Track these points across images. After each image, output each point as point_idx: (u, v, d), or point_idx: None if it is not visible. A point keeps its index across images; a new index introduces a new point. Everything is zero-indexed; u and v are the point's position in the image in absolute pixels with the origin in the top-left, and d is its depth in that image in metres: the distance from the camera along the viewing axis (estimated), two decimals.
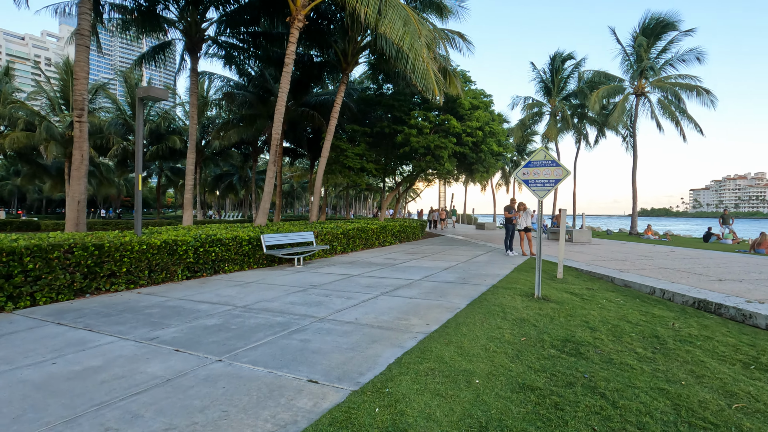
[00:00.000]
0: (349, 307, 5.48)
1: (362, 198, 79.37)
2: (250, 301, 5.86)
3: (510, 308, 5.40)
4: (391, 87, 20.62)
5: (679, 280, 7.58)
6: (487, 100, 17.92)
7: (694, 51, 21.61)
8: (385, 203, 20.98)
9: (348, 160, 17.06)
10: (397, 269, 9.09)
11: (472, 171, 18.17)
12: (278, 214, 21.77)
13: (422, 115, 16.38)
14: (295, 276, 8.25)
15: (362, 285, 7.12)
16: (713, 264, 9.75)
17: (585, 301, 6.13)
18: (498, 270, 8.89)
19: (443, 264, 9.93)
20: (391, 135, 17.70)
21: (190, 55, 14.94)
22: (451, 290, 6.60)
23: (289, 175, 49.17)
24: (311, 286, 7.04)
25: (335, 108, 15.41)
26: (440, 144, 15.72)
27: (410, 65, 11.35)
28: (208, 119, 32.72)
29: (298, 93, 19.82)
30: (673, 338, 4.46)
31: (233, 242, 8.84)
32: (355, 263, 10.21)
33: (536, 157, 6.23)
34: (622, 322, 5.05)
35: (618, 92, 23.93)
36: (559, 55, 26.11)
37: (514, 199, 12.01)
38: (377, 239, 14.81)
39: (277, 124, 12.15)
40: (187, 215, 14.51)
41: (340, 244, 12.45)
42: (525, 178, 6.28)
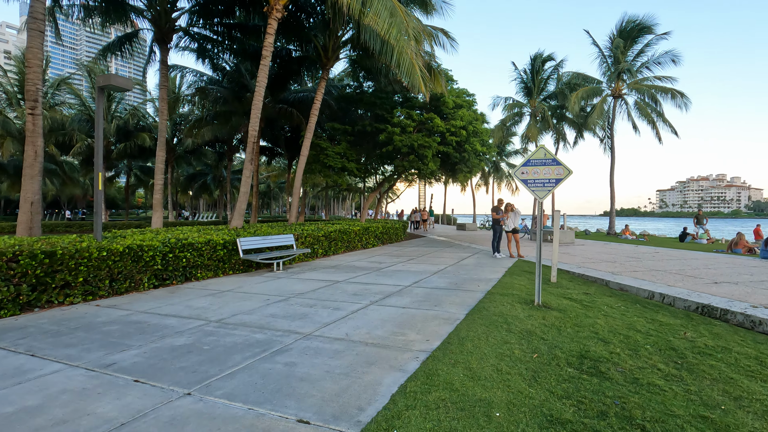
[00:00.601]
0: (338, 319, 4.94)
1: (341, 198, 78.50)
2: (225, 314, 5.25)
3: (512, 318, 4.99)
4: (371, 85, 20.13)
5: (675, 283, 7.39)
6: (470, 99, 17.66)
7: (669, 53, 22.05)
8: (366, 204, 20.46)
9: (328, 159, 16.45)
10: (384, 274, 8.60)
11: (456, 171, 17.88)
12: (255, 216, 20.92)
13: (405, 114, 15.95)
14: (275, 283, 7.63)
15: (349, 293, 6.59)
16: (701, 265, 9.69)
17: (587, 308, 5.80)
18: (489, 274, 8.52)
19: (431, 268, 9.50)
20: (373, 134, 17.20)
21: (160, 46, 14.02)
22: (446, 297, 6.16)
23: (266, 175, 47.94)
24: (293, 295, 6.46)
25: (315, 105, 14.79)
26: (424, 143, 15.32)
27: (395, 60, 10.88)
28: (180, 116, 31.38)
29: (276, 89, 19.06)
30: (690, 350, 4.14)
31: (206, 247, 8.15)
32: (339, 268, 9.66)
33: (536, 155, 5.86)
34: (631, 331, 4.71)
35: (596, 94, 24.19)
36: (539, 56, 26.21)
37: (502, 200, 11.73)
38: (360, 241, 14.28)
39: (254, 120, 11.46)
40: (156, 217, 13.58)
41: (321, 247, 11.86)
42: (524, 177, 5.90)
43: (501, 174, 37.84)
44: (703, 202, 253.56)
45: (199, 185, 41.20)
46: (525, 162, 5.91)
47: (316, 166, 16.98)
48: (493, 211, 11.64)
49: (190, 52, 17.32)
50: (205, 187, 41.04)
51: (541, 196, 5.78)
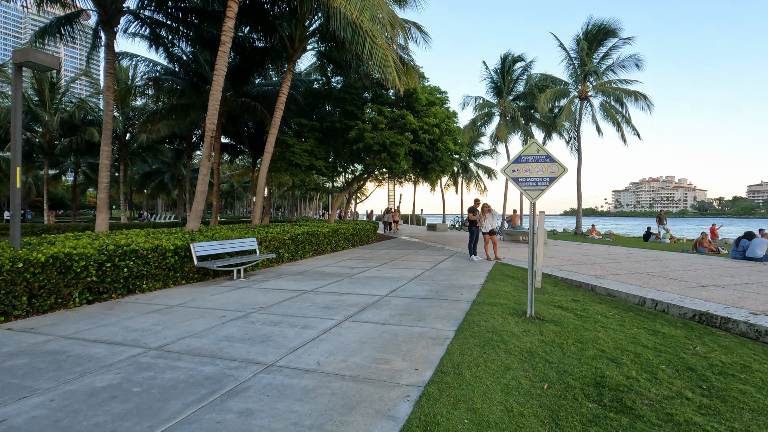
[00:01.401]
0: (307, 342, 4.17)
1: (308, 198, 76.80)
2: (169, 338, 4.35)
3: (507, 335, 4.39)
4: (341, 80, 19.32)
5: (662, 287, 7.10)
6: (442, 96, 17.21)
7: (633, 57, 22.57)
8: (335, 204, 19.61)
9: (295, 157, 15.50)
10: (357, 281, 7.86)
11: (428, 170, 17.38)
12: (215, 217, 19.59)
13: (377, 110, 15.26)
14: (234, 294, 6.73)
15: (319, 306, 5.81)
16: (679, 267, 9.58)
17: (582, 318, 5.31)
18: (470, 279, 7.96)
19: (407, 273, 8.85)
20: (343, 131, 16.41)
21: (105, 29, 12.62)
22: (428, 309, 5.50)
23: (229, 173, 45.92)
24: (255, 309, 5.60)
25: (280, 98, 13.82)
26: (396, 141, 14.69)
27: (367, 50, 10.17)
28: (134, 109, 29.26)
29: (238, 82, 17.87)
30: (709, 370, 3.67)
31: (154, 254, 7.11)
32: (307, 274, 8.83)
33: (528, 151, 5.31)
34: (638, 347, 4.23)
35: (564, 95, 24.46)
36: (509, 56, 26.27)
37: (478, 200, 11.26)
38: (329, 244, 13.45)
39: (212, 112, 10.40)
40: (101, 219, 12.20)
41: (287, 251, 10.96)
42: (515, 175, 5.33)
43: (470, 174, 37.90)
44: (654, 202, 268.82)
45: (156, 184, 38.77)
46: (516, 158, 5.35)
47: (282, 164, 15.98)
48: (470, 211, 11.15)
49: (142, 39, 15.93)
50: (162, 186, 38.65)
51: (534, 197, 5.24)
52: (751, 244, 10.21)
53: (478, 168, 38.60)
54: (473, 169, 38.29)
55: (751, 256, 10.12)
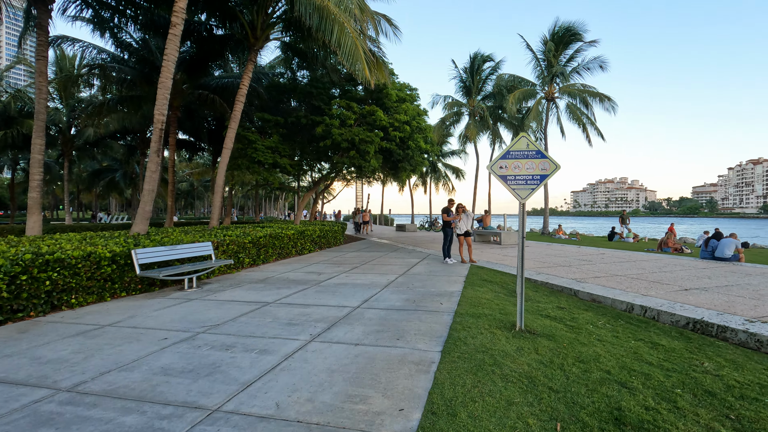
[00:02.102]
0: (265, 373, 3.43)
1: (273, 198, 74.69)
2: (90, 372, 3.48)
3: (500, 354, 3.83)
4: (307, 75, 18.44)
5: (645, 290, 6.82)
6: (412, 93, 16.69)
7: (597, 59, 23.00)
8: (301, 204, 18.68)
9: (257, 154, 14.50)
10: (325, 290, 7.12)
11: (398, 169, 16.82)
12: (170, 218, 18.17)
13: (345, 105, 14.52)
14: (183, 308, 5.83)
15: (282, 321, 5.04)
16: (654, 268, 9.46)
17: (574, 330, 4.84)
18: (447, 285, 7.41)
19: (380, 279, 8.20)
20: (309, 126, 15.55)
21: (37, 7, 11.18)
22: (407, 324, 4.87)
23: (188, 172, 43.61)
24: (204, 328, 4.77)
25: (241, 90, 12.82)
26: (366, 138, 14.01)
27: (335, 38, 9.44)
28: (80, 101, 26.96)
29: (195, 72, 16.63)
30: (728, 393, 3.24)
31: (85, 262, 6.09)
32: (270, 282, 7.99)
33: (517, 145, 4.78)
34: (644, 365, 3.78)
35: (531, 96, 24.63)
36: (479, 55, 26.19)
37: (452, 200, 10.77)
38: (294, 247, 12.59)
39: (161, 102, 9.33)
40: (32, 221, 10.77)
41: (248, 255, 10.04)
42: (502, 173, 4.79)
43: (439, 174, 37.77)
44: (610, 202, 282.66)
45: (107, 183, 36.10)
46: (503, 154, 4.81)
47: (243, 161, 14.93)
48: (444, 212, 10.65)
49: (83, 22, 14.42)
50: (113, 185, 36.03)
51: (524, 197, 4.72)
52: (719, 245, 10.30)
53: (447, 168, 38.55)
54: (442, 169, 38.20)
55: (720, 256, 10.20)
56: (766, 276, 8.13)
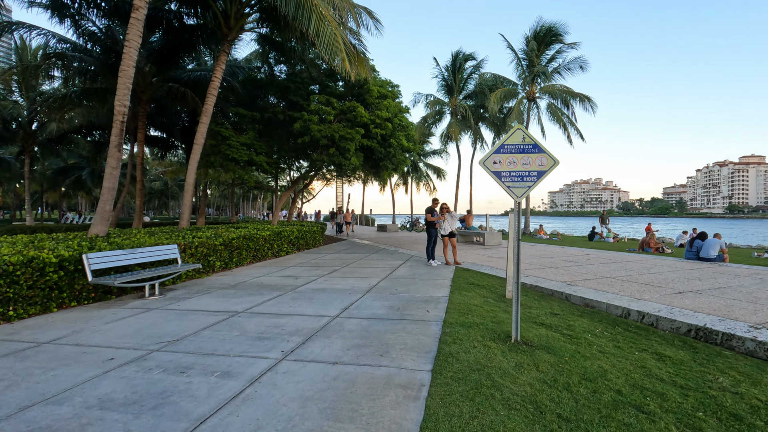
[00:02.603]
0: (225, 403, 2.87)
1: (251, 197, 73.10)
2: (6, 409, 2.85)
3: (498, 373, 3.38)
4: (285, 70, 17.76)
5: (639, 294, 6.53)
6: (394, 89, 16.24)
7: (578, 60, 23.09)
8: (278, 204, 17.97)
9: (231, 151, 13.76)
10: (301, 296, 6.56)
11: (380, 168, 16.33)
12: (139, 218, 17.18)
13: (324, 101, 13.93)
14: (140, 320, 5.18)
15: (250, 335, 4.48)
16: (642, 269, 9.27)
17: (572, 340, 4.45)
18: (433, 290, 6.97)
19: (361, 283, 7.69)
20: (286, 123, 14.90)
21: None
22: (392, 336, 4.38)
23: (161, 170, 41.99)
24: (160, 345, 4.16)
25: (213, 83, 12.10)
26: (346, 135, 13.47)
27: (314, 27, 8.88)
28: (41, 94, 25.41)
29: (165, 64, 15.72)
30: (755, 416, 2.88)
31: (26, 269, 5.36)
32: (241, 287, 7.37)
33: (512, 138, 4.36)
34: (655, 382, 3.40)
35: (513, 96, 24.56)
36: (461, 53, 25.97)
37: (437, 200, 10.35)
38: (270, 249, 11.93)
39: (123, 91, 8.57)
40: None
41: (219, 258, 9.36)
42: (496, 169, 4.36)
43: (420, 174, 37.51)
44: (585, 203, 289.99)
45: (73, 181, 34.30)
46: (498, 148, 4.37)
47: (217, 158, 14.16)
48: (428, 212, 10.22)
49: (41, 8, 13.39)
50: (80, 183, 34.25)
51: (519, 195, 4.29)
52: (704, 245, 10.22)
53: (428, 168, 38.34)
54: (423, 168, 37.96)
55: (705, 257, 10.12)
56: (755, 277, 8.01)
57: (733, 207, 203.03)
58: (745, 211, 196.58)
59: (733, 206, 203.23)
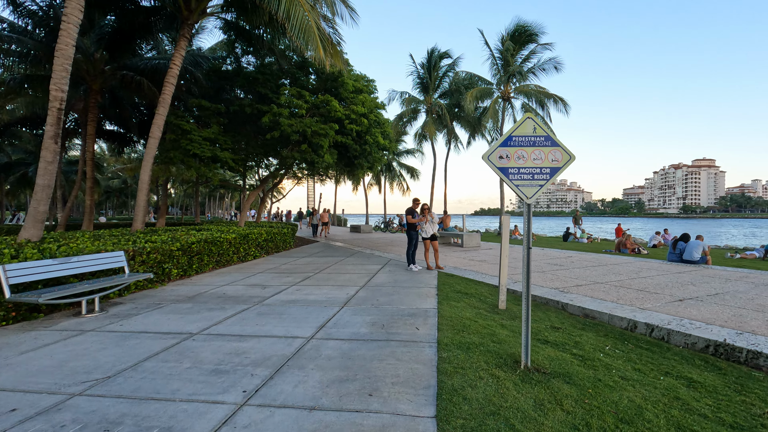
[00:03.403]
0: None
1: (217, 197, 70.42)
2: None
3: (517, 417, 2.72)
4: (253, 61, 16.67)
5: (638, 302, 6.08)
6: (369, 84, 15.49)
7: (552, 61, 23.09)
8: (246, 204, 16.83)
9: (193, 146, 12.61)
10: (270, 310, 5.71)
11: (354, 166, 15.52)
12: (89, 220, 15.63)
13: (295, 93, 12.99)
14: (67, 347, 4.21)
15: (205, 368, 3.63)
16: (630, 272, 8.94)
17: (586, 363, 3.87)
18: (419, 300, 6.28)
19: (338, 293, 6.90)
20: (254, 117, 13.86)
21: None
22: (379, 365, 3.64)
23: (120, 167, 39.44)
24: (85, 386, 3.25)
25: (172, 70, 10.98)
26: (319, 130, 12.60)
27: (284, 9, 8.00)
28: None
29: (119, 50, 14.34)
30: None
31: None
32: (200, 300, 6.44)
33: (521, 129, 3.72)
34: (698, 419, 2.84)
35: (488, 95, 24.33)
36: (436, 51, 25.51)
37: (418, 200, 9.68)
38: (236, 253, 10.93)
39: (60, 74, 7.41)
40: None
41: (176, 265, 8.33)
42: (503, 164, 3.70)
43: (394, 173, 36.92)
44: (551, 203, 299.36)
45: (18, 178, 31.54)
46: (505, 139, 3.72)
47: (176, 154, 12.95)
48: (408, 213, 9.54)
49: None
50: (26, 181, 31.52)
51: (530, 195, 3.66)
52: (687, 247, 10.06)
53: (401, 167, 37.80)
54: (396, 168, 37.39)
55: (688, 259, 9.96)
56: (746, 281, 7.79)
57: (686, 207, 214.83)
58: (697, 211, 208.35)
59: (687, 206, 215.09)
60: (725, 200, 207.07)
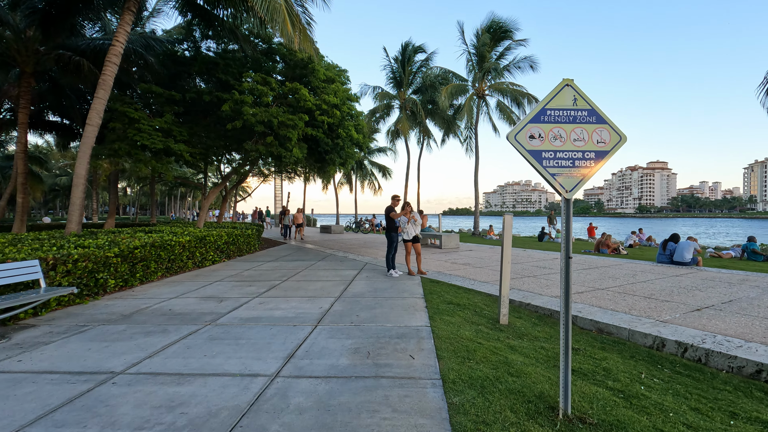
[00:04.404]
0: None
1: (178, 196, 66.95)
2: None
3: None
4: (213, 47, 15.21)
5: (650, 311, 5.39)
6: (342, 73, 14.42)
7: (528, 59, 22.77)
8: (206, 203, 15.34)
9: (142, 137, 11.12)
10: (225, 333, 4.59)
11: (326, 162, 14.39)
12: (21, 220, 13.71)
13: (260, 79, 11.72)
14: None
15: None
16: (626, 276, 8.36)
17: (630, 402, 3.04)
18: (406, 315, 5.32)
19: (309, 307, 5.84)
20: (214, 106, 12.49)
21: None
22: (368, 421, 2.65)
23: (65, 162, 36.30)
24: None
25: (114, 48, 9.54)
26: (287, 121, 11.41)
27: None
28: None
29: (54, 28, 12.57)
30: None
31: None
32: (137, 320, 5.20)
33: (557, 101, 2.82)
34: None
35: (463, 92, 23.77)
36: (410, 45, 24.68)
37: (398, 197, 8.72)
38: (191, 258, 9.61)
39: None
40: None
41: (114, 275, 6.98)
42: (535, 147, 2.79)
43: (365, 172, 35.88)
44: (517, 203, 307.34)
45: None
46: (536, 114, 2.82)
47: (123, 145, 11.40)
48: (388, 212, 8.56)
49: None
50: None
51: (569, 187, 2.77)
52: (678, 248, 9.65)
53: (373, 166, 36.82)
54: (368, 166, 36.39)
55: (679, 260, 9.54)
56: (750, 285, 7.32)
57: (642, 207, 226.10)
58: (651, 211, 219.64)
59: (643, 207, 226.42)
60: (677, 201, 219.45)
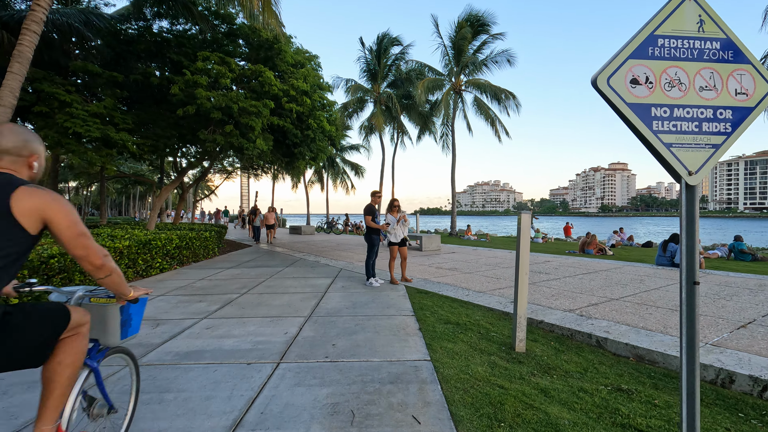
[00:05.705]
0: None
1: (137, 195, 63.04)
2: None
3: None
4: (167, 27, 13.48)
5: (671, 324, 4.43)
6: (312, 58, 13.08)
7: (505, 53, 22.11)
8: (157, 202, 13.61)
9: (74, 123, 9.40)
10: (149, 384, 3.25)
11: (294, 156, 12.98)
12: None
13: (218, 59, 10.21)
14: None
15: None
16: (633, 281, 7.53)
17: None
18: (395, 341, 4.15)
19: (271, 332, 4.55)
20: (165, 91, 10.88)
21: None
22: None
23: None
24: None
25: (33, 13, 7.86)
26: (250, 107, 9.97)
27: None
28: None
29: None
30: None
31: None
32: None
33: (674, 22, 1.72)
34: None
35: (440, 87, 22.89)
36: (387, 37, 23.50)
37: (378, 192, 7.52)
38: (131, 267, 8.05)
39: None
40: None
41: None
42: (640, 99, 1.68)
43: (337, 170, 34.47)
44: (486, 203, 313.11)
45: None
46: (642, 43, 1.69)
47: (50, 133, 9.63)
48: (368, 212, 7.35)
49: None
50: None
51: (695, 167, 1.67)
52: (678, 249, 8.96)
53: (345, 164, 35.47)
54: (340, 164, 35.00)
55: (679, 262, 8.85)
56: None
57: (604, 207, 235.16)
58: (613, 210, 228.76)
59: (605, 206, 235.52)
60: (636, 200, 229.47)
